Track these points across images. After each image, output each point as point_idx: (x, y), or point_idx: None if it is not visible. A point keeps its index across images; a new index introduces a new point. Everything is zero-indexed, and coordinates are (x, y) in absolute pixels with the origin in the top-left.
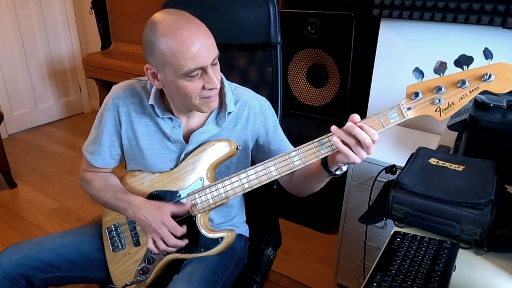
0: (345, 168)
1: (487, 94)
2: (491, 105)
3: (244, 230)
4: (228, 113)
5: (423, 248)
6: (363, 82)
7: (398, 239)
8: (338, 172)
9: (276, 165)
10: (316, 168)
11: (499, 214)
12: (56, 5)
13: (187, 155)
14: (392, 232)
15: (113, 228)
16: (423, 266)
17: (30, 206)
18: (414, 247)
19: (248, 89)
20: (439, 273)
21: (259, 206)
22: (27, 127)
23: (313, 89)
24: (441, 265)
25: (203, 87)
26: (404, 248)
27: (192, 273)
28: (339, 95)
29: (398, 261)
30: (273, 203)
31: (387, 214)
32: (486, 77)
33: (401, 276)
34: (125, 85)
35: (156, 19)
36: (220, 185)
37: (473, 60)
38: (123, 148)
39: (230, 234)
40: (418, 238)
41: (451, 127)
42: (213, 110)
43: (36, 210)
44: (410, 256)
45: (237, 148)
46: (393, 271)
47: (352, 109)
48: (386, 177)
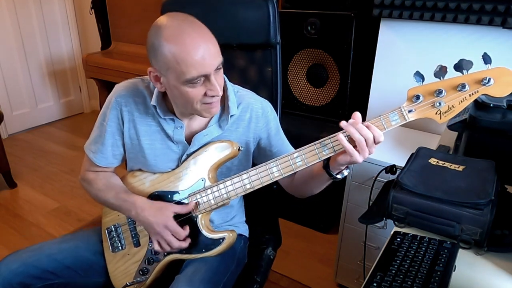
0: (346, 172)
1: None
2: (491, 105)
3: (244, 230)
4: (231, 116)
5: (423, 248)
6: (363, 82)
7: (398, 239)
8: (339, 176)
9: (278, 166)
10: (317, 171)
11: (499, 214)
12: (56, 5)
13: (189, 156)
14: (392, 232)
15: (113, 229)
16: (423, 266)
17: (30, 206)
18: (414, 247)
19: (251, 91)
20: (439, 273)
21: (259, 206)
22: (27, 127)
23: (313, 89)
24: (441, 265)
25: (205, 94)
26: (404, 248)
27: (194, 273)
28: (339, 95)
29: (398, 261)
30: (273, 203)
31: (387, 214)
32: (485, 81)
33: (401, 276)
34: (128, 84)
35: (160, 23)
36: (221, 185)
37: (472, 65)
38: (125, 147)
39: (231, 234)
40: (418, 238)
41: (451, 127)
42: (215, 113)
43: (36, 210)
44: (410, 256)
45: (239, 149)
46: (393, 271)
47: (352, 109)
48: (386, 177)
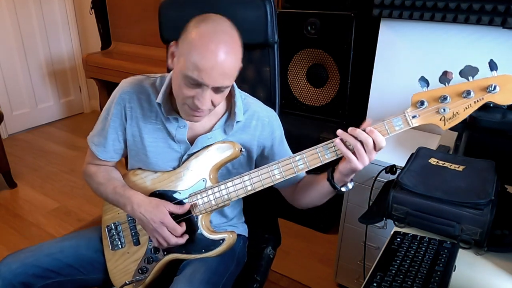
0: (350, 185)
1: None
2: (491, 105)
3: (243, 230)
4: (236, 122)
5: (423, 248)
6: (363, 82)
7: (398, 239)
8: (343, 188)
9: (280, 168)
10: (321, 183)
11: (499, 214)
12: (56, 5)
13: (190, 156)
14: (392, 232)
15: (113, 227)
16: (423, 266)
17: (30, 206)
18: (414, 247)
19: (257, 99)
20: (439, 273)
21: (259, 205)
22: (27, 127)
23: (313, 89)
24: (441, 265)
25: (193, 97)
26: (404, 248)
27: (193, 274)
28: (339, 95)
29: (398, 261)
30: (272, 202)
31: (387, 214)
32: (491, 88)
33: (401, 276)
34: (134, 80)
35: (209, 16)
36: (222, 186)
37: (478, 71)
38: (127, 143)
39: (231, 235)
40: (418, 238)
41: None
42: (196, 122)
43: (36, 210)
44: (410, 256)
45: (241, 151)
46: (393, 271)
47: (352, 109)
48: (386, 177)
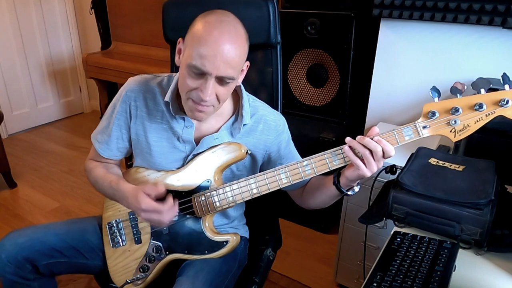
0: (357, 188)
1: None
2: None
3: (244, 232)
4: (244, 125)
5: (423, 248)
6: (363, 82)
7: (398, 239)
8: (350, 192)
9: (287, 172)
10: (328, 186)
11: (499, 214)
12: (56, 5)
13: (195, 156)
14: (392, 232)
15: (114, 224)
16: (423, 266)
17: (30, 206)
18: (414, 247)
19: (264, 103)
20: (439, 273)
21: (259, 206)
22: (27, 127)
23: (313, 89)
24: (441, 265)
25: (197, 89)
26: (404, 248)
27: (196, 275)
28: (339, 95)
29: (398, 261)
30: (273, 203)
31: (387, 214)
32: (503, 102)
33: (401, 276)
34: (141, 79)
35: (214, 10)
36: (227, 188)
37: (490, 84)
38: (131, 141)
39: (234, 238)
40: (418, 238)
41: None
42: (200, 120)
43: (36, 210)
44: (410, 256)
45: (247, 153)
46: (393, 271)
47: (352, 109)
48: (386, 177)
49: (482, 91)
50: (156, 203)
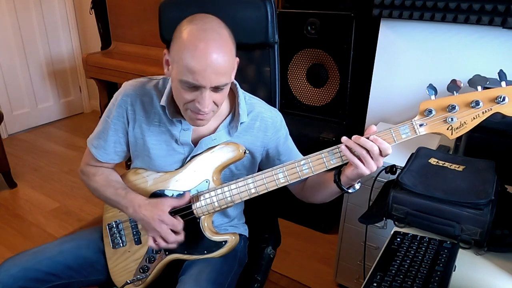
0: (357, 186)
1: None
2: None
3: (244, 230)
4: (240, 123)
5: (423, 248)
6: (363, 82)
7: (398, 239)
8: (350, 190)
9: (285, 172)
10: (328, 183)
11: (499, 214)
12: (56, 5)
13: (194, 157)
14: (392, 232)
15: (114, 225)
16: (423, 266)
17: (30, 206)
18: (414, 247)
19: (261, 100)
20: (439, 273)
21: (259, 205)
22: (27, 127)
23: (313, 89)
24: (441, 265)
25: (194, 101)
26: (404, 248)
27: (199, 274)
28: (339, 95)
29: (398, 261)
30: (273, 202)
31: (387, 214)
32: (499, 99)
33: (401, 276)
34: (136, 83)
35: (195, 17)
36: (226, 188)
37: (487, 81)
38: (129, 145)
39: (233, 237)
40: (418, 238)
41: None
42: (202, 126)
43: (36, 210)
44: (410, 256)
45: (245, 153)
46: (393, 271)
47: (352, 109)
48: (386, 177)
49: (479, 88)
50: (174, 219)
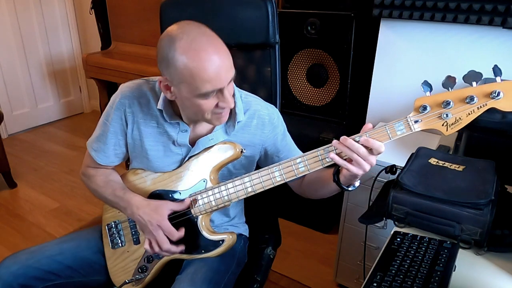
0: (357, 183)
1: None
2: None
3: (244, 230)
4: (237, 122)
5: (423, 248)
6: (363, 82)
7: (398, 239)
8: (350, 188)
9: (281, 170)
10: (327, 182)
11: (499, 214)
12: (56, 5)
13: (191, 157)
14: (392, 232)
15: (113, 225)
16: (423, 266)
17: (30, 206)
18: (414, 247)
19: (258, 97)
20: (439, 273)
21: (259, 206)
22: (27, 127)
23: (313, 89)
24: (441, 265)
25: (216, 105)
26: (404, 248)
27: (195, 273)
28: (339, 95)
29: (398, 261)
30: (273, 202)
31: (387, 214)
32: (494, 94)
33: (401, 276)
34: (133, 85)
35: (173, 34)
36: (223, 187)
37: (482, 76)
38: (128, 146)
39: (231, 236)
40: (418, 238)
41: None
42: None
43: (36, 210)
44: (410, 256)
45: (242, 152)
46: (393, 271)
47: (352, 109)
48: (386, 177)
49: (474, 83)
50: (172, 227)
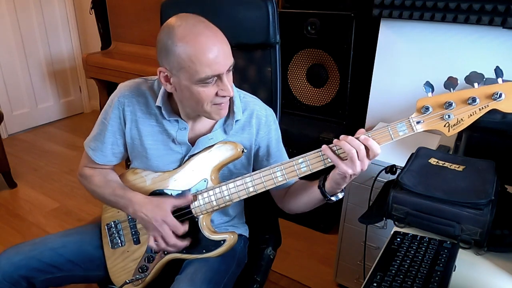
0: (340, 195)
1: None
2: None
3: (244, 230)
4: (236, 121)
5: (423, 248)
6: (363, 82)
7: (398, 239)
8: (333, 198)
9: (283, 170)
10: (312, 190)
11: (499, 214)
12: (56, 5)
13: (191, 156)
14: (392, 232)
15: (113, 225)
16: (423, 266)
17: (30, 206)
18: (414, 247)
19: (256, 97)
20: (439, 273)
21: (260, 206)
22: (27, 127)
23: (313, 89)
24: (441, 265)
25: (216, 94)
26: (404, 248)
27: (195, 273)
28: (339, 95)
29: (398, 261)
30: (273, 202)
31: (387, 214)
32: (496, 96)
33: (401, 276)
34: (132, 84)
35: (172, 23)
36: (224, 187)
37: (484, 78)
38: (127, 146)
39: (232, 236)
40: (418, 238)
41: None
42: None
43: (36, 210)
44: (410, 256)
45: (243, 151)
46: (393, 271)
47: (352, 109)
48: (386, 177)
49: (476, 85)
50: (177, 221)
